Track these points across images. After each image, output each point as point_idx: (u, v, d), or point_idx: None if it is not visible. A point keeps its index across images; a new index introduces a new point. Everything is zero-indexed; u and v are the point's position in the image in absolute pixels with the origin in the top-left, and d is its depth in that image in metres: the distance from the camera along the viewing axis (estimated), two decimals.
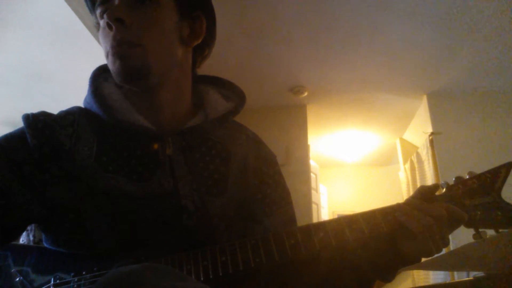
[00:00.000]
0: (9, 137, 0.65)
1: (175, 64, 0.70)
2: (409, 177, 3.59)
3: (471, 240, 0.63)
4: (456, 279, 2.30)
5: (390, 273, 0.63)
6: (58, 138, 0.64)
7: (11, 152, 0.62)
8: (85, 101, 0.71)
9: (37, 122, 0.65)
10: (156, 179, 0.64)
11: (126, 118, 0.67)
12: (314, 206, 3.54)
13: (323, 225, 0.60)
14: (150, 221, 0.62)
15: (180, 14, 0.70)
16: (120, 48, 0.63)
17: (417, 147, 3.55)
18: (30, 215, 0.62)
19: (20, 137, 0.64)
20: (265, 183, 0.76)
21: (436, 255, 0.61)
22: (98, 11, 0.67)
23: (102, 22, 0.66)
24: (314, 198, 3.57)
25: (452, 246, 2.56)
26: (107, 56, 0.65)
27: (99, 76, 0.74)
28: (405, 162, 3.80)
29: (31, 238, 1.70)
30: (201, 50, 0.78)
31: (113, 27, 0.62)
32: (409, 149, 3.86)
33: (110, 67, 0.65)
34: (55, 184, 0.62)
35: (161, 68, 0.66)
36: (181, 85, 0.73)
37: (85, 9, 1.90)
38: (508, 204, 0.60)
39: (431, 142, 3.08)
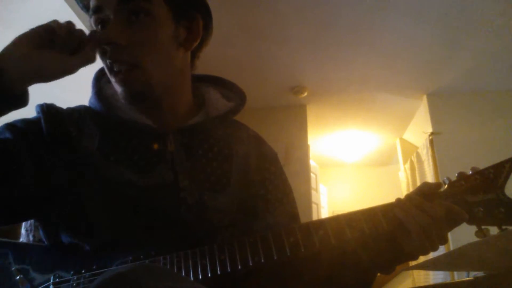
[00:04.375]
0: (25, 120, 0.68)
1: (175, 72, 0.71)
2: (409, 177, 3.59)
3: (472, 239, 0.62)
4: (456, 279, 2.30)
5: (390, 268, 0.63)
6: (67, 127, 0.67)
7: (25, 132, 0.65)
8: (90, 101, 0.73)
9: (51, 109, 0.68)
10: (157, 172, 0.66)
11: (129, 117, 0.69)
12: (314, 206, 3.54)
13: (322, 223, 0.59)
14: (149, 212, 0.63)
15: (176, 20, 0.69)
16: (120, 72, 0.64)
17: (417, 147, 3.56)
18: (34, 195, 0.63)
19: (35, 121, 0.67)
20: (267, 180, 0.77)
21: (436, 255, 0.61)
22: (92, 19, 0.67)
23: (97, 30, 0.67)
24: (314, 198, 3.57)
25: (452, 245, 2.56)
26: (109, 74, 0.67)
27: (102, 77, 0.75)
28: (405, 162, 3.80)
29: (31, 238, 1.70)
30: (199, 47, 0.77)
31: (108, 49, 0.63)
32: (409, 149, 3.86)
33: (115, 87, 0.67)
34: (61, 168, 0.64)
35: (163, 83, 0.68)
36: (181, 88, 0.75)
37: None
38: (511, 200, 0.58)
39: (431, 142, 3.08)
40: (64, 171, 0.64)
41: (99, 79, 0.75)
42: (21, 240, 1.56)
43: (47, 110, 0.68)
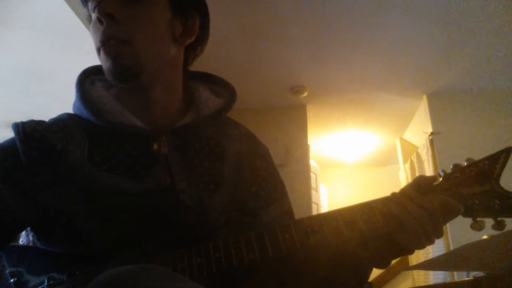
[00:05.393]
0: (1, 146, 0.65)
1: (167, 62, 0.70)
2: (409, 177, 3.59)
3: (470, 232, 0.61)
4: (456, 279, 2.30)
5: (385, 262, 0.63)
6: (49, 141, 0.64)
7: (3, 158, 0.62)
8: (74, 106, 0.71)
9: (26, 128, 0.65)
10: (153, 176, 0.64)
11: (118, 120, 0.67)
12: (314, 206, 3.53)
13: (317, 219, 0.59)
14: (148, 217, 0.62)
15: (173, 11, 0.70)
16: (110, 45, 0.63)
17: (417, 147, 3.55)
18: (22, 220, 0.62)
19: (10, 145, 0.64)
20: (259, 176, 0.76)
21: (437, 255, 0.61)
22: (90, 4, 0.67)
23: (93, 16, 0.66)
24: (314, 198, 3.57)
25: (451, 239, 2.56)
26: (98, 52, 0.65)
27: (85, 80, 0.73)
28: (405, 162, 3.80)
29: (31, 238, 1.69)
30: (193, 48, 0.77)
31: (104, 22, 0.62)
32: (409, 149, 3.86)
33: (102, 65, 0.66)
34: (46, 188, 0.61)
35: (153, 67, 0.67)
36: (172, 83, 0.73)
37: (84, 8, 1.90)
38: (507, 191, 0.58)
39: (431, 142, 3.07)
40: (49, 190, 0.61)
41: (83, 82, 0.72)
42: (20, 240, 1.56)
43: (22, 129, 0.64)
